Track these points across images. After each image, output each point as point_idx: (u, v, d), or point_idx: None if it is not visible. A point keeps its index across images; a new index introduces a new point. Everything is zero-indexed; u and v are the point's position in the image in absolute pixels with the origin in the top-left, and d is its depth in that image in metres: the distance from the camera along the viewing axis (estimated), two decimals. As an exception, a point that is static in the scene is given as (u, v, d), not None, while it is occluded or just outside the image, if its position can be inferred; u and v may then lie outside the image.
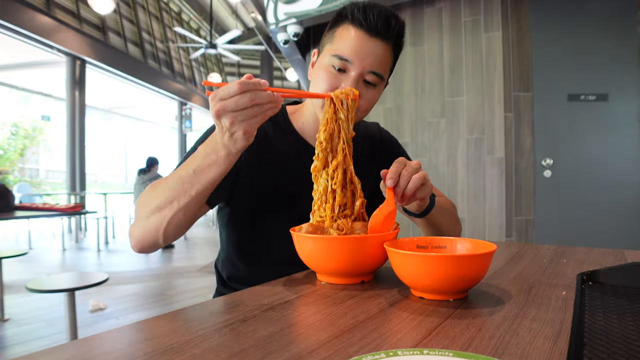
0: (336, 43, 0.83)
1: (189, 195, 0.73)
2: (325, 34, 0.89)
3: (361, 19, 0.81)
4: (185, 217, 0.75)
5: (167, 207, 0.74)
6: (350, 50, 0.81)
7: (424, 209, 0.84)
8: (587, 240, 2.79)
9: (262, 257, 0.93)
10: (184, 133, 12.54)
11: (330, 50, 0.84)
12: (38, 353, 0.40)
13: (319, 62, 0.87)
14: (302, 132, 0.95)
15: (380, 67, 0.83)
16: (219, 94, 0.62)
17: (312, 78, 0.88)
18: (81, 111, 7.81)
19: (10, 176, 11.36)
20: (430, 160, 3.33)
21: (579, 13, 2.87)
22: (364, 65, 0.81)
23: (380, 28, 0.81)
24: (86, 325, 2.71)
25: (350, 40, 0.81)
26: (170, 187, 0.74)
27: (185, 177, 0.72)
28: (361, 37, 0.81)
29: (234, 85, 0.61)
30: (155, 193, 0.76)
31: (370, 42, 0.81)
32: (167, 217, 0.74)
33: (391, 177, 0.72)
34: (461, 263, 0.55)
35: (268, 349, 0.42)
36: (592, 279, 0.63)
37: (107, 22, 8.62)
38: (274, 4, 3.87)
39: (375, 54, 0.82)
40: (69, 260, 5.25)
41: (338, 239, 0.66)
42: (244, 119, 0.63)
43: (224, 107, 0.62)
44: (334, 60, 0.82)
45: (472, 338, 0.44)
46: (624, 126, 2.78)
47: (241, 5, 12.13)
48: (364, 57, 0.81)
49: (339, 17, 0.85)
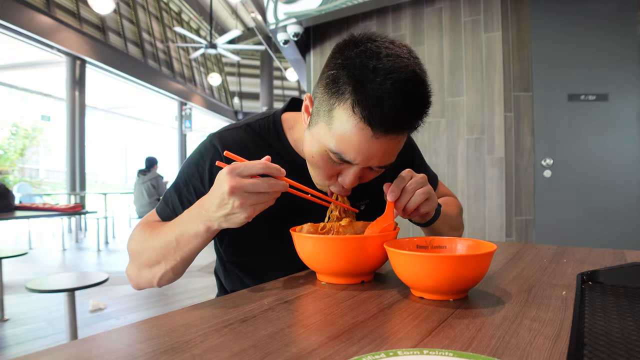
0: (334, 131, 0.65)
1: (174, 259, 0.71)
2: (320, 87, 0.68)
3: (368, 118, 0.61)
4: (175, 275, 0.74)
5: (156, 267, 0.73)
6: (352, 154, 0.65)
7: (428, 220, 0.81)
8: (587, 240, 2.79)
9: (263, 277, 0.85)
10: (184, 133, 12.54)
11: (326, 135, 0.67)
12: (38, 353, 0.40)
13: (313, 133, 0.71)
14: (298, 149, 0.85)
15: (390, 159, 0.69)
16: (239, 170, 0.58)
17: (307, 145, 0.73)
18: (81, 111, 7.81)
19: (10, 176, 11.36)
20: (430, 160, 3.33)
21: (579, 13, 2.87)
22: (369, 164, 0.67)
23: (394, 126, 0.62)
24: (86, 325, 2.71)
25: (352, 139, 0.63)
26: (157, 248, 0.72)
27: (170, 244, 0.70)
28: (368, 138, 0.63)
29: (259, 165, 0.58)
30: (146, 245, 0.74)
31: (380, 142, 0.63)
32: (158, 275, 0.73)
33: (392, 192, 0.69)
34: (461, 263, 0.55)
35: (268, 349, 0.42)
36: (592, 279, 0.63)
37: (107, 22, 8.62)
38: (274, 4, 3.87)
39: (385, 153, 0.66)
40: (69, 260, 5.25)
41: (338, 239, 0.66)
42: (253, 203, 0.59)
43: (242, 186, 0.57)
44: (332, 154, 0.67)
45: (472, 338, 0.44)
46: (624, 126, 2.78)
47: (241, 5, 12.13)
48: (371, 157, 0.66)
49: (337, 84, 0.63)
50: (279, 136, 0.84)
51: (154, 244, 0.72)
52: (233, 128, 0.84)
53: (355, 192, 0.88)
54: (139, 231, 0.79)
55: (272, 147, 0.83)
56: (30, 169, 13.39)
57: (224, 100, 15.69)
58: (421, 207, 0.72)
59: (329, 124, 0.66)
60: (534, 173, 2.98)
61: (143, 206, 5.53)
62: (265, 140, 0.83)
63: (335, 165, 0.70)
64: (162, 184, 5.64)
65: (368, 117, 0.60)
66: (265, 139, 0.83)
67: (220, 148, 0.78)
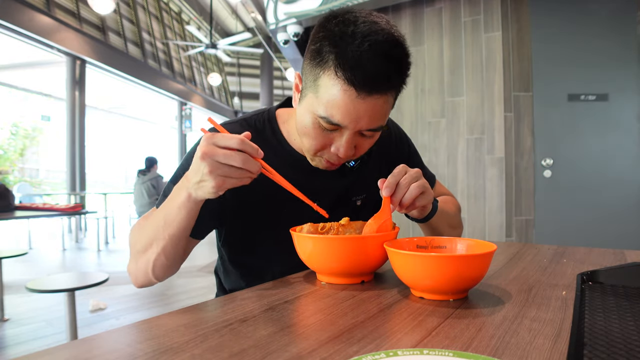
0: (322, 97, 0.68)
1: (163, 238, 0.71)
2: (306, 62, 0.72)
3: (351, 77, 0.64)
4: (167, 259, 0.73)
5: (148, 251, 0.73)
6: (340, 115, 0.67)
7: (426, 215, 0.82)
8: (587, 240, 2.80)
9: (262, 275, 0.88)
10: (184, 133, 12.54)
11: (315, 103, 0.69)
12: (38, 353, 0.40)
13: (303, 105, 0.74)
14: (296, 145, 0.86)
15: (379, 122, 0.71)
16: (215, 139, 0.59)
17: (299, 120, 0.75)
18: (81, 111, 7.81)
19: (10, 176, 11.36)
20: (430, 160, 3.33)
21: (579, 13, 2.87)
22: (359, 126, 0.69)
23: (377, 85, 0.65)
24: (86, 325, 2.71)
25: (338, 101, 0.66)
26: (149, 231, 0.73)
27: (159, 223, 0.71)
28: (353, 99, 0.65)
29: (235, 139, 0.59)
30: (141, 233, 0.76)
31: (365, 102, 0.66)
32: (151, 260, 0.73)
33: (387, 187, 0.70)
34: (461, 263, 0.55)
35: (268, 349, 0.42)
36: (592, 279, 0.63)
37: (107, 22, 8.62)
38: (274, 4, 3.87)
39: (372, 113, 0.68)
40: (69, 260, 5.25)
41: (338, 239, 0.66)
42: (223, 174, 0.60)
43: (214, 153, 0.59)
44: (321, 120, 0.69)
45: (472, 338, 0.44)
46: (624, 126, 2.78)
47: (241, 5, 12.13)
48: (359, 119, 0.68)
49: (321, 52, 0.67)
50: (274, 130, 0.87)
51: (146, 229, 0.75)
52: (230, 123, 0.87)
53: (351, 187, 0.90)
54: (135, 226, 0.81)
55: (266, 140, 0.85)
56: (30, 169, 13.38)
57: (224, 100, 15.69)
58: (417, 201, 0.72)
59: (316, 92, 0.69)
60: (534, 173, 2.98)
61: (143, 206, 5.53)
62: (261, 133, 0.85)
63: (326, 133, 0.72)
64: (162, 184, 5.64)
65: (350, 78, 0.64)
66: (261, 132, 0.86)
67: None
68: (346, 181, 0.89)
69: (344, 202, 0.90)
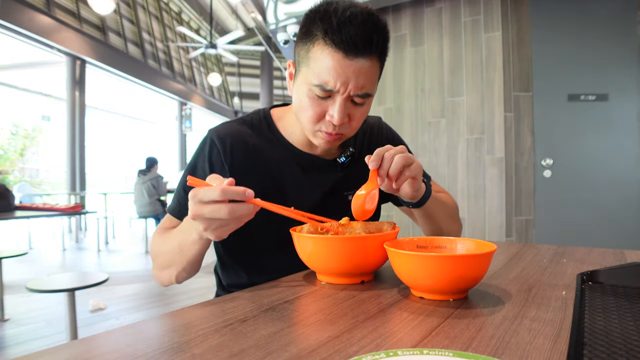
0: (313, 67, 0.75)
1: (181, 263, 0.76)
2: (297, 43, 0.80)
3: (338, 41, 0.71)
4: (189, 273, 0.80)
5: (169, 269, 0.79)
6: (331, 77, 0.73)
7: (420, 198, 0.83)
8: (587, 240, 2.79)
9: (261, 267, 0.91)
10: (184, 133, 12.54)
11: (308, 75, 0.76)
12: (38, 353, 0.40)
13: (297, 81, 0.80)
14: (291, 139, 0.92)
15: (367, 86, 0.76)
16: (198, 195, 0.59)
17: (295, 99, 0.82)
18: (81, 111, 7.81)
19: (10, 176, 11.36)
20: (430, 160, 3.33)
21: (579, 13, 2.87)
22: (349, 89, 0.75)
23: (361, 46, 0.72)
24: (86, 325, 2.71)
25: (329, 65, 0.73)
26: (166, 253, 0.79)
27: (174, 250, 0.76)
28: (341, 60, 0.72)
29: (215, 191, 0.57)
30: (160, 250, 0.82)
31: (353, 63, 0.73)
32: (173, 275, 0.80)
33: (374, 160, 0.71)
34: (461, 263, 0.55)
35: (268, 349, 0.42)
36: (592, 279, 0.63)
37: (107, 22, 8.62)
38: (274, 4, 3.87)
39: (359, 75, 0.74)
40: (69, 260, 5.25)
41: (338, 239, 0.66)
42: (217, 227, 0.61)
43: (200, 213, 0.59)
44: (315, 88, 0.75)
45: (472, 338, 0.44)
46: (624, 126, 2.78)
47: (241, 5, 12.13)
48: (348, 81, 0.74)
49: (310, 30, 0.75)
50: (269, 126, 0.93)
51: (164, 249, 0.80)
52: (228, 123, 0.93)
53: (343, 182, 0.94)
54: (156, 237, 0.86)
55: (263, 135, 0.91)
56: (30, 169, 13.39)
57: (224, 100, 15.69)
58: (406, 171, 0.73)
59: (308, 65, 0.76)
60: (534, 173, 2.98)
61: (143, 206, 5.53)
62: (257, 130, 0.92)
63: (321, 102, 0.77)
64: (162, 184, 5.64)
65: (337, 40, 0.71)
66: (257, 128, 0.92)
67: (218, 142, 0.87)
68: (338, 176, 0.94)
69: (336, 196, 0.93)
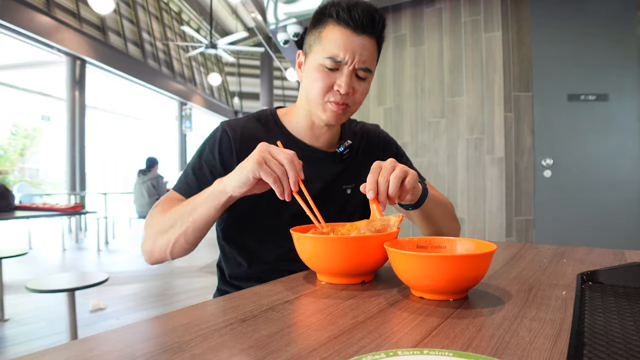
0: (325, 44, 0.86)
1: (187, 222, 0.81)
2: (309, 33, 0.92)
3: (347, 18, 0.84)
4: (187, 242, 0.83)
5: (170, 230, 0.83)
6: (341, 50, 0.85)
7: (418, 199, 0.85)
8: (587, 240, 2.79)
9: (262, 256, 0.95)
10: (184, 133, 12.53)
11: (319, 51, 0.87)
12: (38, 353, 0.40)
13: (308, 63, 0.90)
14: (295, 132, 0.99)
15: (369, 62, 0.88)
16: (274, 150, 0.73)
17: (305, 79, 0.92)
18: (81, 111, 7.81)
19: (10, 176, 11.37)
20: (430, 160, 3.33)
21: (579, 13, 2.88)
22: (355, 62, 0.86)
23: (366, 24, 0.85)
24: (86, 325, 2.71)
25: (339, 39, 0.85)
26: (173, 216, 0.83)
27: (185, 209, 0.82)
28: (349, 35, 0.85)
29: (289, 155, 0.72)
30: (163, 217, 0.86)
31: (358, 39, 0.85)
32: (172, 239, 0.83)
33: (370, 189, 0.72)
34: (461, 263, 0.55)
35: (268, 349, 0.42)
36: (592, 279, 0.63)
37: (107, 22, 8.62)
38: (274, 4, 3.87)
39: (363, 50, 0.86)
40: (69, 260, 5.25)
41: (338, 239, 0.66)
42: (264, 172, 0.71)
43: (267, 159, 0.72)
44: (326, 61, 0.86)
45: (472, 338, 0.44)
46: (624, 126, 2.78)
47: (241, 6, 12.13)
48: (355, 54, 0.85)
49: (322, 17, 0.88)
50: (276, 121, 1.01)
51: (171, 214, 0.84)
52: (238, 118, 1.01)
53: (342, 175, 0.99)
54: (157, 208, 0.89)
55: (270, 129, 0.99)
56: (30, 169, 13.39)
57: (224, 100, 15.69)
58: (405, 184, 0.74)
59: (320, 44, 0.87)
60: (534, 173, 2.98)
61: (143, 206, 5.53)
62: (265, 124, 1.00)
63: (330, 74, 0.87)
64: (163, 184, 5.64)
65: (347, 18, 0.84)
66: (265, 123, 1.00)
67: (229, 131, 0.95)
68: (338, 168, 0.99)
69: (335, 189, 0.98)
